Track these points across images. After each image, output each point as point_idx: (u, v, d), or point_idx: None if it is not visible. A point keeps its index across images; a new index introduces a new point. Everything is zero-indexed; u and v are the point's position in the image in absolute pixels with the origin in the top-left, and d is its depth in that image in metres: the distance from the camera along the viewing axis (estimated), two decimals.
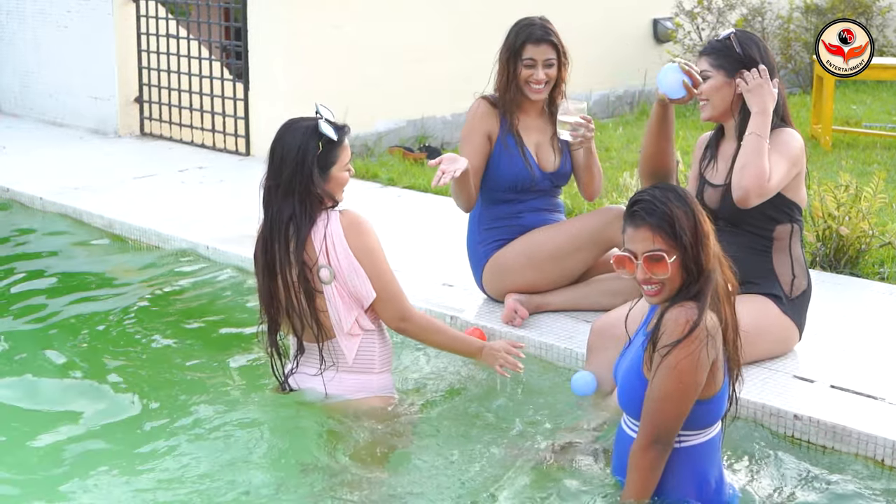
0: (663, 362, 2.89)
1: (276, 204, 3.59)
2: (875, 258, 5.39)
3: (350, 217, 3.63)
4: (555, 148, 4.66)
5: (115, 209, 6.56)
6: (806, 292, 4.07)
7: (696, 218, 2.97)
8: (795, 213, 4.00)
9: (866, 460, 3.49)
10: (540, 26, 4.55)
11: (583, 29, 9.64)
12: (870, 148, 8.26)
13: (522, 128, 4.62)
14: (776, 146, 3.88)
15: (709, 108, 4.01)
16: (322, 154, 3.59)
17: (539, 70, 4.52)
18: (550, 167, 4.65)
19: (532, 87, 4.53)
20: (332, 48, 8.26)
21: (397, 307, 3.66)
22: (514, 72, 4.53)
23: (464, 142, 4.63)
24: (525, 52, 4.51)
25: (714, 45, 4.02)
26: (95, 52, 9.23)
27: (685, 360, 2.87)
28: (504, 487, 3.33)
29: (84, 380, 4.23)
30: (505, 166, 4.58)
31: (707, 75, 3.98)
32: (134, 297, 5.25)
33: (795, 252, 4.03)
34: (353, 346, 3.64)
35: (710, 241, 2.99)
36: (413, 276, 5.17)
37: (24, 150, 8.56)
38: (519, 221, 4.65)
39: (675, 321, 2.91)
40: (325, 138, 3.59)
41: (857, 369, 4.05)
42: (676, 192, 2.99)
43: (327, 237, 3.57)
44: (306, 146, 3.58)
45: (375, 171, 7.57)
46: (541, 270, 4.57)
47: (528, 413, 3.87)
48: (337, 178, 3.64)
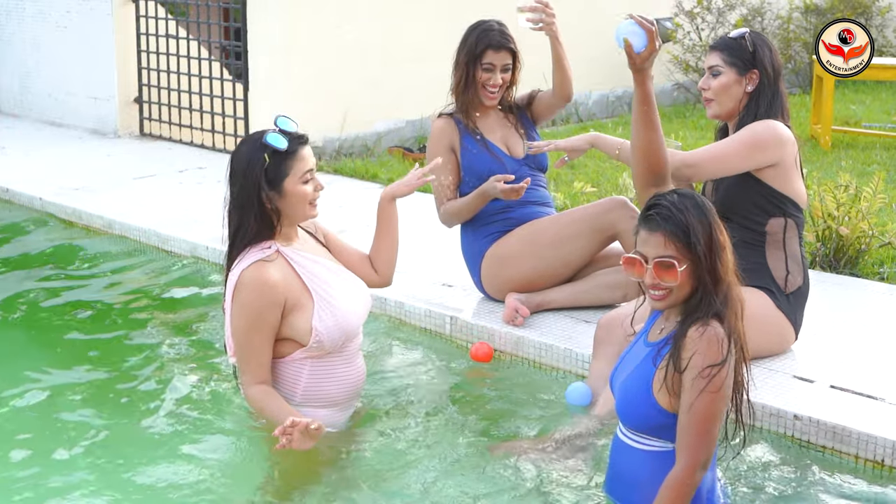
0: (708, 386, 2.82)
1: (230, 219, 3.46)
2: (875, 258, 5.39)
3: (249, 274, 3.38)
4: (522, 135, 4.75)
5: (114, 209, 6.56)
6: (801, 290, 4.05)
7: (713, 229, 2.92)
8: (789, 208, 3.97)
9: (866, 461, 3.49)
10: (499, 31, 4.65)
11: (582, 29, 9.64)
12: (869, 148, 8.26)
13: (483, 126, 4.72)
14: (740, 131, 3.91)
15: (716, 105, 4.01)
16: (271, 166, 3.38)
17: (497, 74, 4.64)
18: (521, 153, 4.71)
19: (488, 91, 4.65)
20: (331, 48, 8.26)
21: (241, 376, 3.48)
22: (472, 75, 4.65)
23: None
24: (485, 58, 4.62)
25: (728, 41, 4.01)
26: (95, 53, 9.23)
27: (721, 378, 2.83)
28: (491, 492, 3.32)
29: (81, 380, 4.22)
30: (476, 165, 4.64)
31: (718, 71, 3.98)
32: (133, 298, 5.25)
33: (791, 248, 4.01)
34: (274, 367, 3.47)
35: (727, 254, 2.94)
36: (413, 277, 5.17)
37: (23, 150, 8.56)
38: (509, 215, 4.66)
39: (709, 342, 2.84)
40: (269, 149, 3.39)
41: (858, 369, 4.04)
42: (695, 200, 2.95)
43: (228, 278, 3.45)
44: (252, 158, 3.39)
45: (375, 171, 7.57)
46: (542, 259, 4.57)
47: (518, 418, 3.85)
48: (293, 193, 3.42)
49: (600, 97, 10.06)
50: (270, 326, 3.41)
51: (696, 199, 2.96)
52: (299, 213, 3.48)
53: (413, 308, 4.80)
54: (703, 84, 4.04)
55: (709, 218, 2.94)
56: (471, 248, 4.75)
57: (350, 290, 3.59)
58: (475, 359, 4.40)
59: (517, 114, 4.80)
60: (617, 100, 10.25)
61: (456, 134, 4.69)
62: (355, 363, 3.63)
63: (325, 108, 8.16)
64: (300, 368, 3.50)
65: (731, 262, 2.96)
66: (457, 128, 4.70)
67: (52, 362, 4.40)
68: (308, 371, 3.50)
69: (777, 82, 3.99)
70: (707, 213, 2.94)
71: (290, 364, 3.49)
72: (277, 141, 3.38)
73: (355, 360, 3.63)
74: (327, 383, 3.54)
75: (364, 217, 6.37)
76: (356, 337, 3.61)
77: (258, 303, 3.38)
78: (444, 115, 4.77)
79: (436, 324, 4.71)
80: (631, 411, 3.01)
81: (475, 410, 3.93)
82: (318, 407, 3.52)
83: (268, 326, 3.41)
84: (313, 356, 3.48)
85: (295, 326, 3.43)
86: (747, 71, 3.96)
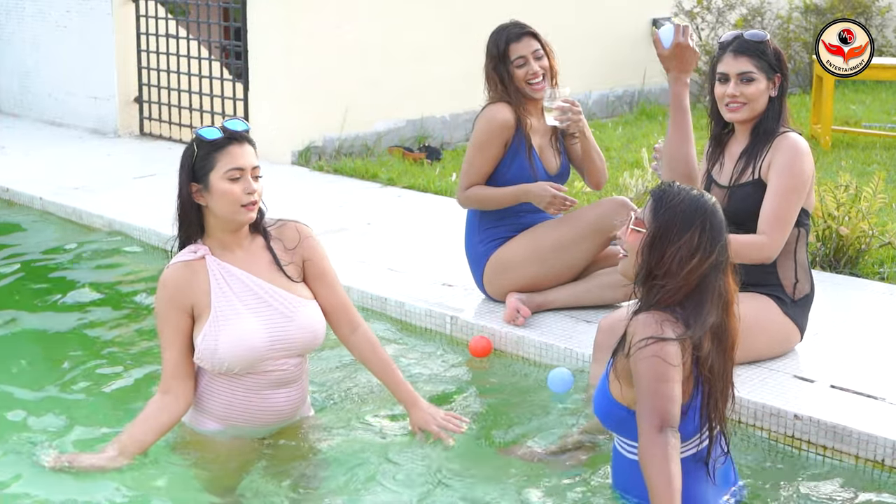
0: (640, 354, 2.84)
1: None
2: (875, 258, 5.39)
3: (164, 272, 3.38)
4: (555, 149, 4.66)
5: (114, 209, 6.56)
6: (809, 296, 4.05)
7: (692, 227, 2.91)
8: (803, 218, 3.97)
9: (866, 461, 3.49)
10: (513, 23, 4.57)
11: (582, 29, 9.65)
12: (869, 148, 8.27)
13: (529, 130, 4.59)
14: (780, 172, 3.83)
15: (746, 110, 3.92)
16: (199, 158, 3.29)
17: (532, 63, 4.50)
18: (553, 169, 4.64)
19: (532, 84, 4.51)
20: (331, 48, 8.26)
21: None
22: (509, 76, 4.51)
23: (480, 149, 4.55)
24: (511, 53, 4.51)
25: (757, 46, 3.93)
26: (95, 52, 9.23)
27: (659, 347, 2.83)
28: (497, 492, 3.31)
29: (81, 379, 4.22)
30: (514, 171, 4.55)
31: (751, 77, 3.90)
32: (133, 297, 5.25)
33: (800, 257, 4.00)
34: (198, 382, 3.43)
35: (692, 261, 2.89)
36: (413, 277, 5.17)
37: (23, 150, 8.56)
38: (519, 220, 4.64)
39: (644, 324, 2.88)
40: (198, 139, 3.30)
41: (858, 369, 4.04)
42: (700, 203, 2.95)
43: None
44: (186, 151, 3.34)
45: (375, 171, 7.57)
46: (544, 263, 4.56)
47: (518, 417, 3.85)
48: (218, 190, 3.29)
49: (600, 97, 10.06)
50: (172, 329, 3.35)
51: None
52: (228, 213, 3.33)
53: (413, 308, 4.80)
54: (734, 90, 3.91)
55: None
56: (475, 250, 4.73)
57: (268, 317, 3.37)
58: (473, 353, 4.40)
59: (557, 131, 4.67)
60: (617, 100, 10.26)
61: (513, 131, 4.53)
62: (269, 398, 3.42)
63: (325, 107, 8.15)
64: (210, 384, 3.42)
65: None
66: (516, 125, 4.54)
67: (51, 362, 4.39)
68: (225, 390, 3.40)
69: (785, 88, 3.98)
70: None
71: (204, 377, 3.43)
72: (208, 132, 3.32)
73: (268, 394, 3.41)
74: (239, 410, 3.42)
75: (364, 216, 6.38)
76: (266, 369, 3.38)
77: (160, 302, 3.37)
78: (506, 104, 4.54)
79: (436, 324, 4.71)
80: (598, 408, 3.08)
81: (475, 410, 3.92)
82: (230, 424, 3.44)
83: (169, 328, 3.35)
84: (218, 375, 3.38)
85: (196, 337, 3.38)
86: (773, 75, 3.92)
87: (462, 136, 8.84)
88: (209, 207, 3.35)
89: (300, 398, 3.54)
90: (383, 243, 5.83)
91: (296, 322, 3.40)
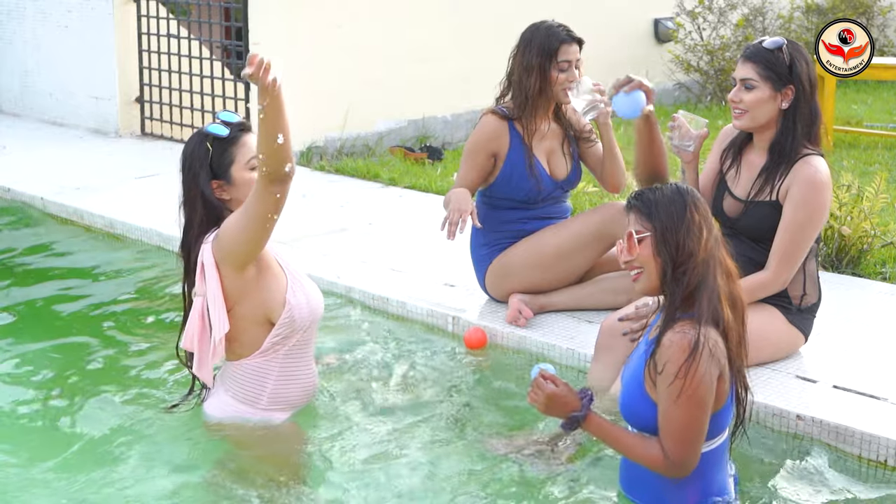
0: (670, 392, 2.86)
1: (184, 215, 3.48)
2: (877, 258, 5.39)
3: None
4: (566, 153, 4.63)
5: (115, 209, 6.55)
6: (815, 305, 4.04)
7: (686, 208, 2.95)
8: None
9: (869, 461, 3.49)
10: (563, 26, 4.50)
11: (584, 29, 9.58)
12: (871, 148, 8.26)
13: (536, 137, 4.55)
14: (796, 206, 3.77)
15: (747, 118, 3.82)
16: (215, 155, 3.42)
17: (573, 70, 4.45)
18: (562, 174, 4.62)
19: (566, 89, 4.40)
20: (332, 48, 8.26)
21: None
22: (544, 76, 4.43)
23: (468, 156, 4.55)
24: (560, 55, 4.43)
25: (764, 53, 3.78)
26: (96, 52, 9.23)
27: (692, 387, 2.84)
28: (489, 483, 3.33)
29: (82, 378, 4.22)
30: (516, 183, 4.54)
31: (752, 84, 3.79)
32: (134, 297, 5.25)
33: (809, 269, 3.96)
34: (238, 370, 3.52)
35: (703, 236, 2.94)
36: (415, 277, 5.17)
37: (24, 149, 8.56)
38: (524, 226, 4.63)
39: (673, 346, 2.87)
40: (210, 137, 3.42)
41: (860, 369, 4.04)
42: (677, 188, 2.99)
43: (199, 263, 3.42)
44: (194, 151, 3.43)
45: (377, 171, 7.56)
46: (546, 269, 4.55)
47: (518, 416, 3.84)
48: (241, 180, 3.43)
49: None
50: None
51: (678, 187, 3.00)
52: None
53: (415, 307, 4.80)
54: (735, 97, 3.82)
55: (685, 199, 2.96)
56: (478, 252, 4.72)
57: (311, 283, 3.65)
58: (469, 345, 4.40)
59: (569, 134, 4.63)
60: None
61: (505, 141, 4.50)
62: (312, 365, 3.66)
63: (326, 107, 8.15)
64: (268, 369, 3.51)
65: (709, 247, 2.94)
66: (508, 135, 4.51)
67: (51, 361, 4.39)
68: (276, 371, 3.51)
69: (813, 96, 3.81)
70: (685, 196, 2.98)
71: (257, 364, 3.49)
72: (218, 129, 3.42)
73: (311, 361, 3.66)
74: (292, 385, 3.56)
75: (366, 216, 6.38)
76: (315, 328, 3.63)
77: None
78: (498, 116, 4.52)
79: (438, 323, 4.71)
80: (631, 410, 3.05)
81: (477, 410, 3.92)
82: (278, 411, 3.56)
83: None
84: (278, 347, 3.48)
85: (272, 290, 3.43)
86: (783, 87, 3.78)
87: (463, 135, 8.83)
88: (232, 200, 3.44)
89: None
90: (385, 243, 5.83)
91: (319, 292, 3.66)
